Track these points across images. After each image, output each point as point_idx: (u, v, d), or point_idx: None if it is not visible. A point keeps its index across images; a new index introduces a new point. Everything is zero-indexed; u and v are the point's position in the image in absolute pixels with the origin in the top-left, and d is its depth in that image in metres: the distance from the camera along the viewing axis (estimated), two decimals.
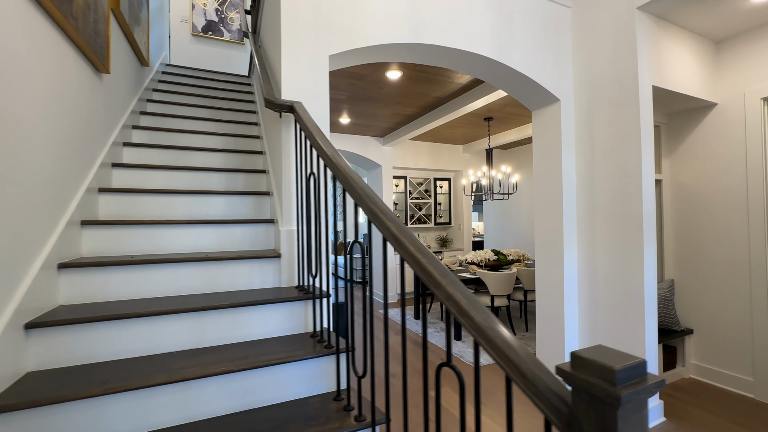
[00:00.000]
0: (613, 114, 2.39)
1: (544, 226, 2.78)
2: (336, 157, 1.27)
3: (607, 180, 2.43)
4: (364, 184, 1.11)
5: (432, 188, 6.53)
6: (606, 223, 2.44)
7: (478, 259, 4.44)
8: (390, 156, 5.70)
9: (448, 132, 5.43)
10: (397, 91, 3.60)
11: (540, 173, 2.82)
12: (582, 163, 2.61)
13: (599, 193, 2.49)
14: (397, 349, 3.62)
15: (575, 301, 2.63)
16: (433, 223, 6.50)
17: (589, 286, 2.56)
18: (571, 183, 2.64)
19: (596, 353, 0.53)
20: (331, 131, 5.12)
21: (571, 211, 2.64)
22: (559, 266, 2.63)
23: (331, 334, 1.51)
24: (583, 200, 2.61)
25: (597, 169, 2.50)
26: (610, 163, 2.41)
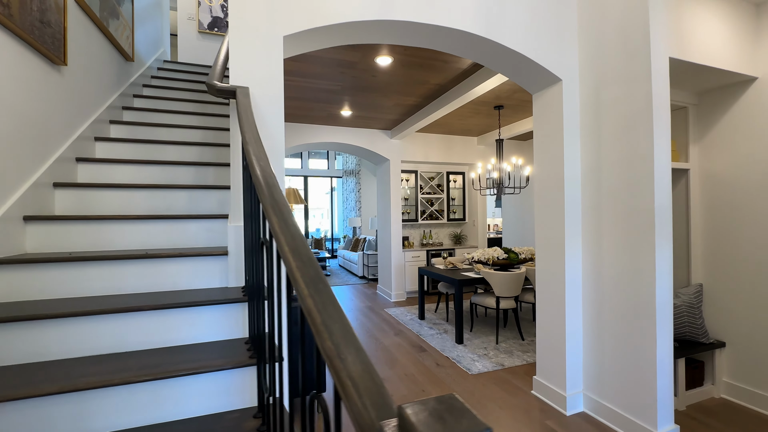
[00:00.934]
0: (622, 93, 2.07)
1: (544, 222, 2.50)
2: (254, 145, 1.12)
3: (615, 169, 2.12)
4: (269, 177, 0.96)
5: (444, 182, 6.26)
6: (613, 218, 2.13)
7: (485, 257, 4.15)
8: (398, 149, 5.50)
9: (460, 123, 5.14)
10: (392, 78, 3.40)
11: (540, 163, 2.53)
12: (587, 150, 2.30)
13: (606, 184, 2.17)
14: (395, 353, 3.45)
15: (578, 308, 2.34)
16: (445, 218, 6.23)
17: (594, 291, 2.26)
18: (574, 173, 2.34)
19: (433, 418, 0.35)
20: (335, 124, 5.00)
21: (575, 205, 2.34)
22: (560, 267, 2.35)
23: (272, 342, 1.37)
24: (588, 192, 2.30)
25: (604, 156, 2.19)
26: (619, 149, 2.09)
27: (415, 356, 3.31)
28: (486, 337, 3.75)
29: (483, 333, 3.86)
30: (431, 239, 6.18)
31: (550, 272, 2.43)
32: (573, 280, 2.33)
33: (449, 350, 3.40)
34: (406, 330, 4.05)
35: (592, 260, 2.28)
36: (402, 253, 5.54)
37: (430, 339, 3.72)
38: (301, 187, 11.00)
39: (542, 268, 2.52)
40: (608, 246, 2.16)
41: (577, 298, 2.34)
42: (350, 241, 8.95)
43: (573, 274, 2.33)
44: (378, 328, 4.15)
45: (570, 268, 2.32)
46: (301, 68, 3.12)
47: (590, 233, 2.30)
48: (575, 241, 2.33)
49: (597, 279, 2.24)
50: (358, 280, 7.27)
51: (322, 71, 3.20)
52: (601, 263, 2.21)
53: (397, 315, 4.64)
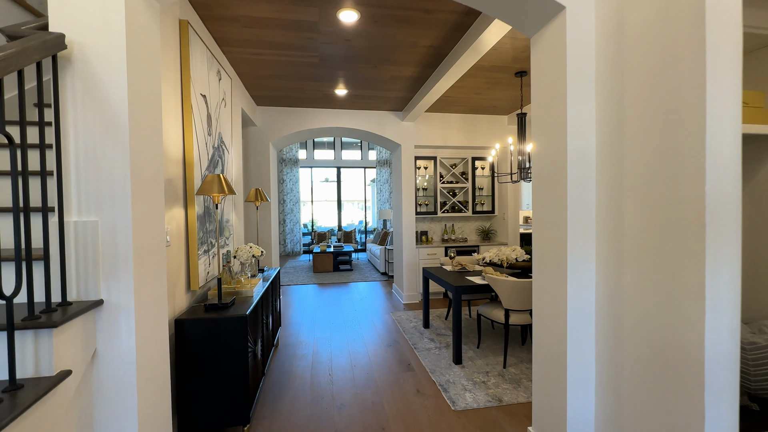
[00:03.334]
0: (657, 11, 1.29)
1: (540, 223, 1.78)
2: None
3: (643, 136, 1.35)
4: None
5: (469, 170, 5.47)
6: (640, 213, 1.37)
7: (500, 258, 3.41)
8: (411, 133, 4.86)
9: (480, 98, 4.36)
10: (371, 43, 2.81)
11: (537, 134, 1.80)
12: (604, 111, 1.54)
13: (630, 161, 1.41)
14: (375, 370, 2.93)
15: (587, 351, 1.61)
16: (470, 211, 5.46)
17: (609, 324, 1.52)
18: (583, 147, 1.59)
19: None
20: (337, 107, 4.51)
21: (583, 195, 1.60)
22: (560, 290, 1.63)
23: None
24: (604, 175, 1.55)
25: (628, 118, 1.42)
26: (650, 104, 1.32)
27: (397, 376, 2.75)
28: (494, 357, 3.05)
29: (492, 351, 3.16)
30: (453, 234, 5.47)
31: (547, 296, 1.72)
32: (580, 309, 1.60)
33: (441, 372, 2.79)
34: (401, 340, 3.49)
35: (608, 280, 1.53)
36: (415, 249, 4.94)
37: (423, 355, 3.12)
38: (334, 178, 10.79)
39: (538, 289, 1.81)
40: (631, 259, 1.41)
41: (585, 335, 1.61)
42: (379, 234, 8.50)
43: (580, 300, 1.60)
44: (372, 334, 3.65)
45: (575, 291, 1.59)
46: (260, 36, 2.68)
47: (606, 238, 1.55)
48: (583, 250, 1.59)
49: (614, 308, 1.50)
50: (380, 276, 6.80)
51: (286, 39, 2.73)
52: (621, 284, 1.46)
53: (400, 320, 4.09)
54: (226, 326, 1.88)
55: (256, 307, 2.23)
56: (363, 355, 3.16)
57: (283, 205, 10.05)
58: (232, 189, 2.05)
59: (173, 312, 1.93)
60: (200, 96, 2.29)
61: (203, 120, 2.33)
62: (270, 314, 2.80)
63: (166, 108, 1.88)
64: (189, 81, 2.09)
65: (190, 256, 2.11)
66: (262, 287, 2.57)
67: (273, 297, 3.04)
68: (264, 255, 2.90)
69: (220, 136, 2.70)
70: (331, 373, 2.82)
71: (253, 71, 3.38)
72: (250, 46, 2.86)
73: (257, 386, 2.16)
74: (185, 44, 2.09)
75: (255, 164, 4.44)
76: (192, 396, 1.86)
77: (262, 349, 2.36)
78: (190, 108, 2.10)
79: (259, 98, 4.19)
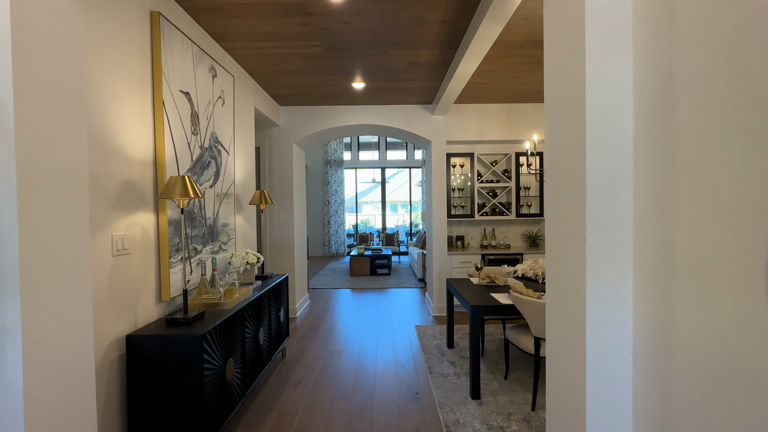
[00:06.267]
0: None
1: (552, 239, 1.29)
2: None
3: (700, 104, 0.83)
4: None
5: (513, 167, 4.81)
6: (703, 218, 0.85)
7: (536, 271, 2.83)
8: (441, 127, 4.40)
9: (520, 83, 3.75)
10: (372, 24, 2.46)
11: (548, 112, 1.31)
12: (647, 70, 1.02)
13: (683, 140, 0.89)
14: (376, 397, 2.57)
15: (620, 413, 1.09)
16: (514, 214, 4.80)
17: (654, 382, 1.00)
18: (612, 127, 1.08)
19: None
20: (359, 103, 4.22)
21: (610, 200, 1.09)
22: (579, 323, 1.14)
23: None
24: (645, 162, 1.03)
25: (679, 76, 0.90)
26: (721, 52, 0.80)
27: (399, 407, 2.37)
28: (523, 393, 2.50)
29: (522, 386, 2.61)
30: (494, 240, 4.86)
31: (559, 337, 1.22)
32: (605, 350, 1.09)
33: (452, 407, 2.34)
34: (418, 361, 3.08)
35: (653, 315, 1.01)
36: (447, 256, 4.46)
37: (438, 382, 2.68)
38: (378, 179, 10.58)
39: (550, 329, 1.32)
40: (687, 286, 0.88)
41: (615, 397, 1.09)
42: (421, 237, 8.07)
43: (602, 339, 1.09)
44: (388, 351, 3.29)
45: (596, 325, 1.09)
46: (252, 26, 2.49)
47: (647, 255, 1.02)
48: (613, 278, 1.08)
49: (662, 355, 0.98)
50: (417, 283, 6.39)
51: (279, 27, 2.50)
52: (672, 323, 0.94)
53: (423, 336, 3.66)
54: (183, 344, 1.69)
55: (230, 321, 2.02)
56: (370, 376, 2.82)
57: (328, 206, 10.10)
58: (197, 192, 1.86)
59: (134, 326, 1.79)
60: (180, 93, 2.15)
61: (185, 119, 2.18)
62: (264, 327, 2.59)
63: (127, 105, 1.74)
64: (161, 76, 1.95)
65: (161, 265, 1.97)
66: (251, 297, 2.36)
67: (274, 307, 2.84)
68: (260, 262, 2.71)
69: (213, 136, 2.56)
70: (329, 396, 2.53)
71: (263, 67, 3.23)
72: (247, 40, 2.70)
73: (227, 412, 1.95)
74: (156, 37, 1.95)
75: (279, 165, 4.34)
76: (146, 422, 1.69)
77: (241, 369, 2.15)
78: (161, 105, 1.95)
79: (280, 98, 4.08)
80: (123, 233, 1.71)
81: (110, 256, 1.63)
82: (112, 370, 1.66)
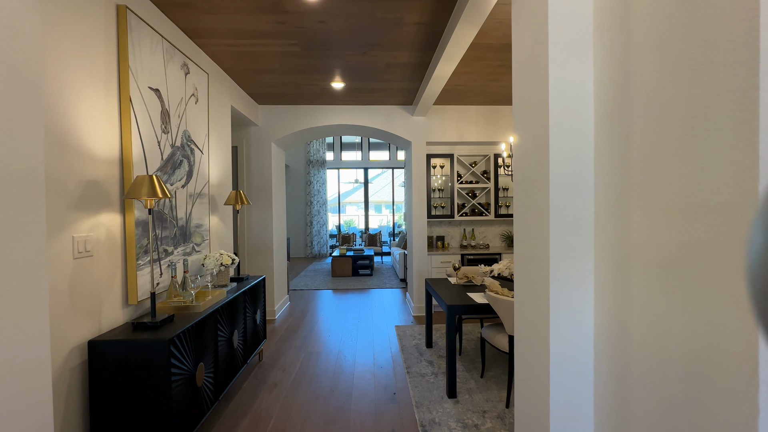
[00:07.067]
0: None
1: (520, 239, 1.32)
2: None
3: (653, 110, 0.87)
4: None
5: (492, 168, 4.89)
6: (651, 229, 0.88)
7: (511, 270, 2.88)
8: (421, 128, 4.43)
9: (499, 86, 3.81)
10: (349, 23, 2.45)
11: (516, 116, 1.34)
12: (605, 77, 1.05)
13: (638, 149, 0.93)
14: (352, 398, 2.56)
15: (581, 401, 1.12)
16: (493, 214, 4.88)
17: (612, 376, 1.03)
18: (574, 133, 1.11)
19: None
20: (334, 103, 4.20)
21: (573, 203, 1.12)
22: (543, 321, 1.16)
23: None
24: (605, 173, 1.06)
25: (635, 83, 0.93)
26: (664, 53, 0.83)
27: (375, 408, 2.36)
28: (498, 391, 2.54)
29: (498, 383, 2.65)
30: (473, 240, 4.93)
31: (526, 336, 1.25)
32: (566, 347, 1.12)
33: (429, 407, 2.35)
34: (395, 361, 3.09)
35: (611, 311, 1.04)
36: (427, 257, 4.49)
37: (415, 382, 2.69)
38: (361, 179, 10.55)
39: (518, 328, 1.35)
40: (642, 281, 0.92)
41: (577, 391, 1.12)
42: (403, 237, 8.10)
43: (564, 336, 1.12)
44: (367, 352, 3.28)
45: (559, 324, 1.12)
46: (227, 23, 2.44)
47: (607, 254, 1.05)
48: (576, 277, 1.11)
49: (619, 349, 1.01)
50: (399, 283, 6.41)
51: (254, 25, 2.46)
52: (629, 317, 0.97)
53: (402, 336, 3.67)
54: (149, 349, 1.63)
55: (201, 324, 1.97)
56: (348, 377, 2.80)
57: (310, 207, 10.01)
58: (166, 192, 1.80)
59: (97, 331, 1.72)
60: (150, 90, 2.08)
61: (154, 116, 2.12)
62: (239, 329, 2.55)
63: (91, 102, 1.68)
64: (127, 72, 1.88)
65: (128, 267, 1.90)
66: (225, 300, 2.31)
67: (250, 309, 2.79)
68: (235, 263, 2.66)
69: (186, 134, 2.49)
70: (306, 399, 2.50)
71: (239, 66, 3.17)
72: (222, 37, 2.64)
73: (197, 418, 1.90)
74: (123, 32, 1.88)
75: (257, 165, 4.27)
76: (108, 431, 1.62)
77: (213, 373, 2.10)
78: (128, 102, 1.89)
79: (259, 96, 4.01)
80: (86, 234, 1.64)
81: (71, 258, 1.57)
82: (74, 377, 1.59)
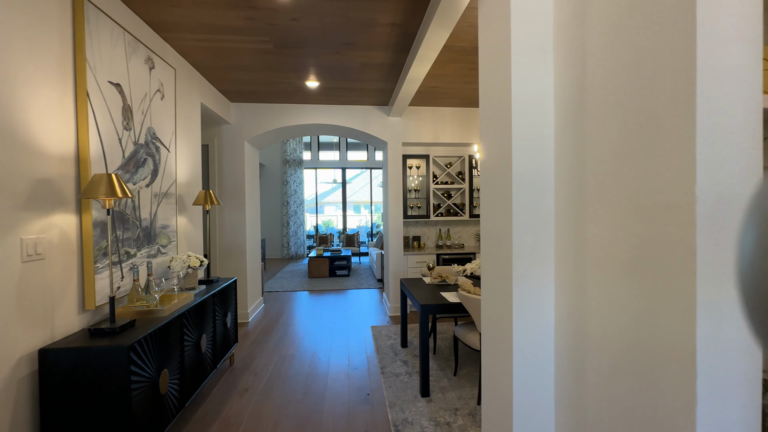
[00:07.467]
0: None
1: (486, 237, 1.35)
2: None
3: (606, 114, 0.90)
4: None
5: (466, 169, 4.98)
6: (605, 227, 0.92)
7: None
8: (397, 129, 4.45)
9: (472, 88, 3.88)
10: (322, 22, 2.43)
11: (482, 118, 1.37)
12: (564, 81, 1.09)
13: (592, 151, 0.96)
14: (326, 400, 2.54)
15: (542, 389, 1.16)
16: (467, 214, 4.97)
17: (570, 371, 1.07)
18: (536, 133, 1.14)
19: None
20: (309, 102, 4.16)
21: (535, 201, 1.15)
22: (507, 318, 1.19)
23: None
24: (564, 173, 1.10)
25: (589, 88, 0.97)
26: (615, 60, 0.87)
27: (349, 409, 2.35)
28: (471, 389, 2.58)
29: (471, 381, 2.70)
30: (449, 240, 4.99)
31: (492, 332, 1.27)
32: (526, 342, 1.15)
33: (402, 406, 2.36)
34: (370, 362, 3.08)
35: (570, 306, 1.08)
36: (403, 257, 4.51)
37: (390, 382, 2.70)
38: (339, 179, 10.49)
39: (485, 323, 1.37)
40: (597, 277, 0.95)
41: (539, 387, 1.15)
42: (380, 237, 8.11)
43: (531, 339, 1.15)
44: (342, 353, 3.26)
45: (522, 320, 1.14)
46: (194, 17, 2.37)
47: (566, 252, 1.09)
48: (538, 274, 1.14)
49: (577, 340, 1.04)
50: (376, 283, 6.41)
51: (223, 20, 2.39)
52: (584, 311, 1.01)
53: (378, 336, 3.67)
54: (107, 356, 1.55)
55: (165, 329, 1.90)
56: (321, 379, 2.77)
57: (287, 207, 9.85)
58: (126, 191, 1.73)
59: (50, 338, 1.62)
60: (110, 84, 1.99)
61: (115, 112, 2.02)
62: (207, 333, 2.47)
63: (43, 96, 1.58)
64: (84, 65, 1.79)
65: (84, 270, 1.81)
66: (192, 303, 2.24)
67: (220, 312, 2.71)
68: (204, 265, 2.57)
69: (151, 131, 2.40)
70: (278, 403, 2.45)
71: (210, 62, 3.08)
72: (191, 31, 2.55)
73: (161, 427, 1.82)
74: (80, 23, 1.79)
75: (229, 164, 4.16)
76: None
77: (179, 379, 2.03)
78: (85, 96, 1.79)
79: (231, 94, 3.91)
80: (36, 236, 1.55)
81: (19, 261, 1.47)
82: (21, 389, 1.49)
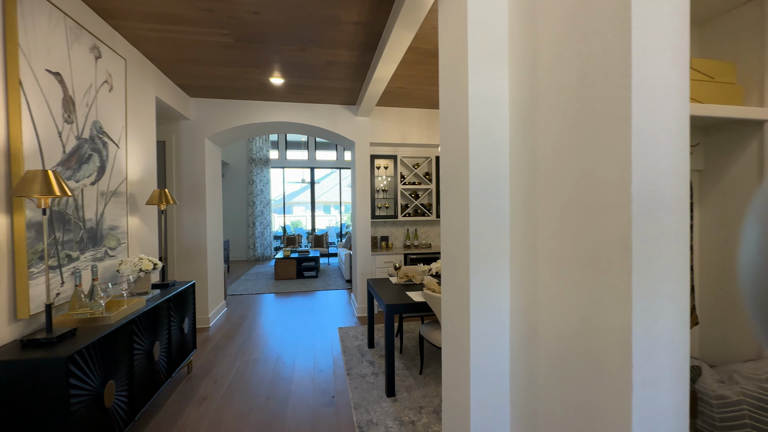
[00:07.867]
0: None
1: (446, 236, 1.36)
2: None
3: (553, 119, 0.94)
4: None
5: (433, 170, 5.05)
6: (552, 226, 0.95)
7: None
8: (365, 129, 4.43)
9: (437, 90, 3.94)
10: (285, 18, 2.37)
11: (442, 121, 1.38)
12: (518, 84, 1.12)
13: (542, 153, 0.99)
14: (289, 403, 2.47)
15: (498, 384, 1.18)
16: (434, 215, 5.04)
17: (523, 367, 1.10)
18: (492, 135, 1.17)
19: None
20: (274, 99, 4.06)
21: (491, 201, 1.17)
22: (464, 316, 1.21)
23: None
24: (517, 173, 1.13)
25: (540, 92, 1.00)
26: (561, 66, 0.90)
27: (313, 413, 2.30)
28: (436, 387, 2.62)
29: (436, 379, 2.73)
30: (417, 240, 5.04)
31: (453, 329, 1.29)
32: (484, 333, 1.17)
33: (367, 407, 2.34)
34: (336, 364, 3.04)
35: (525, 296, 1.11)
36: (371, 257, 4.50)
37: (355, 383, 2.67)
38: (308, 179, 10.31)
39: (445, 321, 1.39)
40: (548, 268, 0.99)
41: (495, 382, 1.18)
42: (349, 238, 8.06)
43: (483, 323, 1.17)
44: (307, 355, 3.19)
45: (479, 312, 1.17)
46: (145, 5, 2.23)
47: (521, 247, 1.12)
48: (494, 272, 1.17)
49: (529, 329, 1.08)
50: (344, 284, 6.36)
51: (179, 9, 2.27)
52: (536, 299, 1.04)
53: (345, 337, 3.64)
54: (42, 369, 1.42)
55: (111, 338, 1.77)
56: (285, 384, 2.70)
57: (253, 207, 9.55)
58: (65, 189, 1.59)
59: None
60: (48, 73, 1.82)
61: (54, 104, 1.86)
62: (161, 340, 2.33)
63: None
64: (16, 52, 1.63)
65: (17, 276, 1.64)
66: (143, 309, 2.10)
67: (176, 318, 2.57)
68: (158, 268, 2.43)
69: (97, 125, 2.23)
70: (239, 410, 2.36)
71: (165, 53, 2.92)
72: (143, 20, 2.40)
73: None
74: (11, 5, 1.63)
75: (188, 162, 3.96)
76: None
77: (127, 391, 1.90)
78: (18, 86, 1.63)
79: (190, 88, 3.73)
80: None
81: None
82: None
